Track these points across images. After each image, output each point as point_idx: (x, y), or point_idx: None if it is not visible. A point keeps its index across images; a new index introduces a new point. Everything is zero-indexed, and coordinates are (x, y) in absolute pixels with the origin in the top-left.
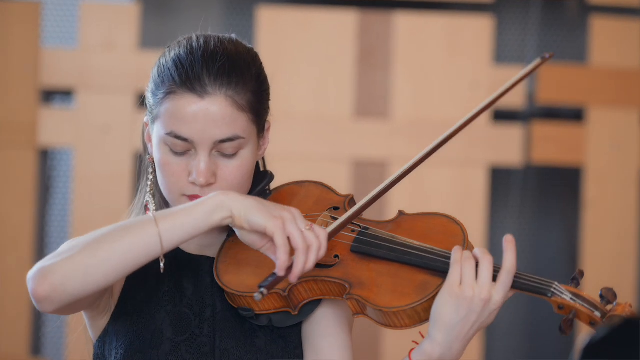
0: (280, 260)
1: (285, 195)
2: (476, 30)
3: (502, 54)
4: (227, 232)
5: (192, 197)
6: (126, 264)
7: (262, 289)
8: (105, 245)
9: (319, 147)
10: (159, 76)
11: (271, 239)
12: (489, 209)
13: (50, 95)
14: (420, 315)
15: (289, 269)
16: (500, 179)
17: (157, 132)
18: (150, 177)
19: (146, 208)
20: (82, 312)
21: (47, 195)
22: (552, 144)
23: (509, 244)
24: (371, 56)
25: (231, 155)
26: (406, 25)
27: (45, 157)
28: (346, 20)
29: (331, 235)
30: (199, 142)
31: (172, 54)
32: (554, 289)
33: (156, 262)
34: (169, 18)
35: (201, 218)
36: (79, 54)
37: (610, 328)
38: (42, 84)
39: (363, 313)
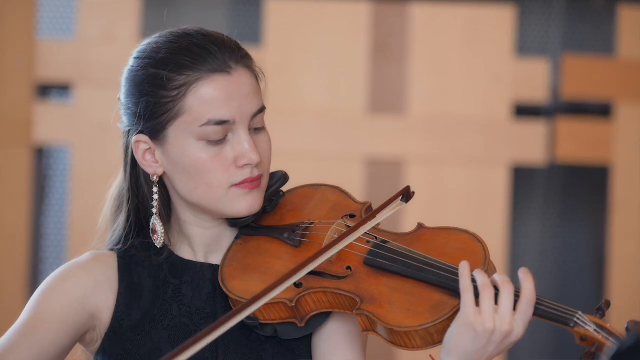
0: None
1: (299, 198)
2: (497, 21)
3: (524, 46)
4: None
5: (244, 184)
6: None
7: None
8: None
9: (331, 145)
10: (157, 78)
11: None
12: (511, 211)
13: (46, 90)
14: (434, 337)
15: None
16: (523, 179)
17: (183, 131)
18: (156, 196)
19: (154, 232)
20: None
21: (42, 196)
22: (577, 141)
23: (525, 274)
24: (386, 49)
25: (261, 129)
26: (423, 16)
27: (41, 156)
28: (359, 11)
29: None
30: (240, 120)
31: (160, 54)
32: (577, 319)
33: (149, 275)
34: (172, 8)
35: None
36: (76, 46)
37: (637, 337)
38: (38, 78)
39: (373, 330)
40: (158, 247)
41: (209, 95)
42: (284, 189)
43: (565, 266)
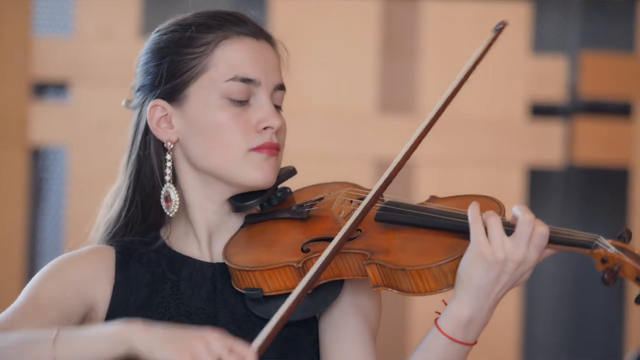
0: None
1: (308, 194)
2: (512, 17)
3: (541, 43)
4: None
5: (262, 149)
6: None
7: None
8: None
9: (338, 146)
10: (183, 38)
11: None
12: None
13: (42, 89)
14: (447, 277)
15: None
16: (539, 181)
17: (206, 88)
18: (169, 164)
19: (167, 199)
20: None
21: (38, 200)
22: (596, 142)
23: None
24: (396, 46)
25: (279, 109)
26: (434, 11)
27: (37, 157)
28: (368, 6)
29: (261, 350)
30: (264, 83)
31: (187, 20)
32: (598, 241)
33: (147, 270)
34: (173, 4)
35: (103, 351)
36: (74, 44)
37: None
38: (34, 76)
39: (384, 283)
40: (170, 216)
41: (237, 52)
42: (292, 188)
43: (583, 272)
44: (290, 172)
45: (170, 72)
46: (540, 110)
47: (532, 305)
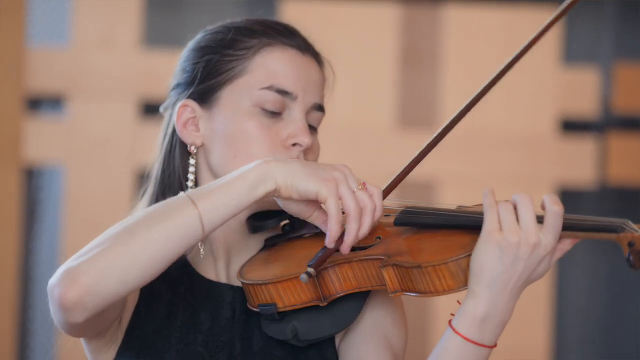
0: (332, 231)
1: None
2: (539, 25)
3: (571, 54)
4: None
5: None
6: (166, 253)
7: (309, 269)
8: (139, 235)
9: (355, 162)
10: (225, 39)
11: (319, 206)
12: None
13: (36, 103)
14: (466, 273)
15: (340, 239)
16: (570, 201)
17: (240, 93)
18: (192, 168)
19: None
20: (85, 346)
21: (33, 221)
22: (630, 160)
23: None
24: (416, 56)
25: (315, 132)
26: (457, 19)
27: (31, 177)
28: (386, 14)
29: (387, 192)
30: (301, 98)
31: (235, 24)
32: (625, 224)
33: (168, 288)
34: (176, 11)
35: (244, 193)
36: (70, 54)
37: None
38: (27, 89)
39: (401, 287)
40: None
41: (278, 61)
42: None
43: (618, 301)
44: None
45: (205, 71)
46: (571, 126)
47: (562, 306)
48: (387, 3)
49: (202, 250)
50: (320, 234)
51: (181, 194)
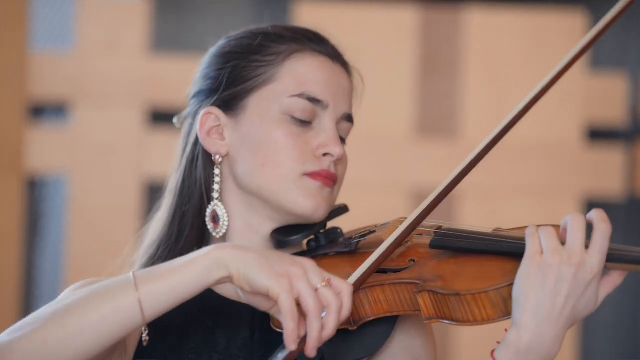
0: (287, 330)
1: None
2: (565, 29)
3: (599, 59)
4: None
5: (317, 176)
6: (101, 338)
7: None
8: (74, 317)
9: (372, 174)
10: (252, 45)
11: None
12: None
13: (39, 111)
14: (507, 303)
15: (303, 340)
16: None
17: (268, 100)
18: (217, 179)
19: (214, 220)
20: None
21: (35, 233)
22: None
23: (596, 210)
24: (436, 61)
25: (343, 141)
26: (479, 22)
27: (34, 187)
28: (405, 18)
29: (358, 285)
30: (332, 107)
31: (261, 29)
32: None
33: (180, 311)
34: (185, 14)
35: (194, 280)
36: (75, 59)
37: None
38: (30, 96)
39: (436, 314)
40: (217, 237)
41: (309, 68)
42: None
43: None
44: (342, 209)
45: (232, 78)
46: (599, 134)
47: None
48: (405, 6)
49: (144, 336)
50: (346, 254)
51: (129, 273)
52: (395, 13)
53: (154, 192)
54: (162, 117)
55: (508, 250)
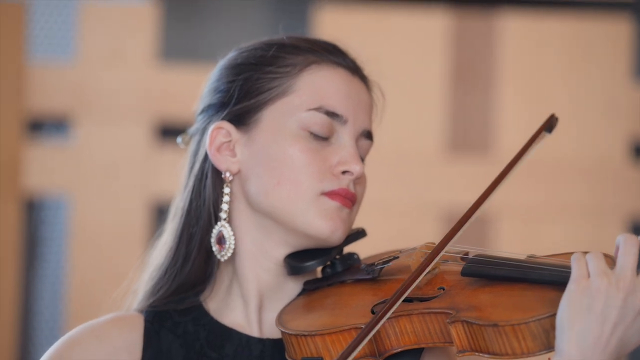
0: None
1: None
2: (610, 37)
3: None
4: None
5: (336, 195)
6: None
7: None
8: None
9: (400, 193)
10: (266, 56)
11: None
12: None
13: (38, 126)
14: (549, 335)
15: None
16: None
17: (283, 114)
18: (227, 198)
19: (221, 242)
20: None
21: (34, 258)
22: None
23: None
24: (469, 72)
25: (362, 160)
26: (515, 30)
27: (33, 208)
28: (436, 25)
29: None
30: (352, 122)
31: (275, 40)
32: None
33: (182, 344)
34: (195, 22)
35: None
36: (76, 71)
37: None
38: (29, 110)
39: (470, 346)
40: (222, 260)
41: (327, 80)
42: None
43: None
44: (359, 233)
45: (244, 90)
46: None
47: None
48: (435, 12)
49: None
50: (363, 282)
51: None
52: (424, 19)
53: (162, 215)
54: (170, 133)
55: (549, 279)
